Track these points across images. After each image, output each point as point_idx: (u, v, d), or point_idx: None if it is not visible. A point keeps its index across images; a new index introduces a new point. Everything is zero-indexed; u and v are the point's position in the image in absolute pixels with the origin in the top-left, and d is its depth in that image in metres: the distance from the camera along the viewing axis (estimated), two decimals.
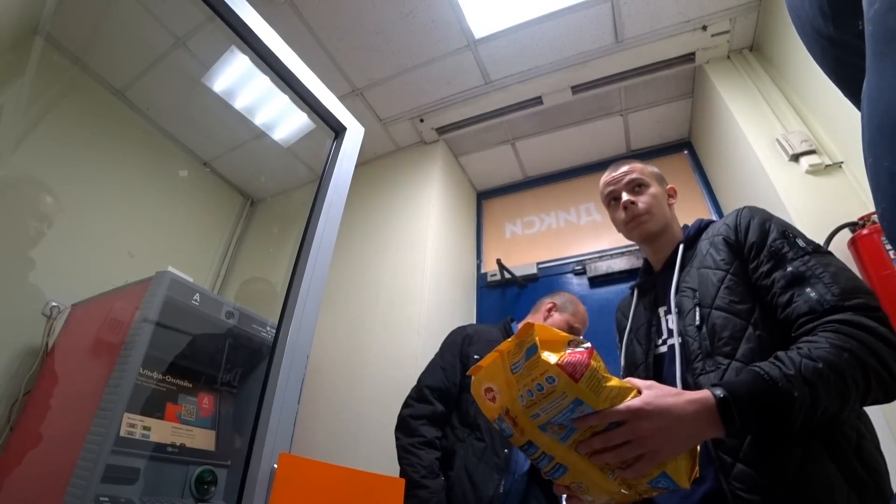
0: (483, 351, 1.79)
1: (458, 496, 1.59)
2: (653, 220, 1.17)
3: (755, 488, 0.78)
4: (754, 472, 0.79)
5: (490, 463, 1.63)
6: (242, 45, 1.17)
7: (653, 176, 1.23)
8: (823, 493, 0.75)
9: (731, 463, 0.82)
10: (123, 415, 1.30)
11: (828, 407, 0.72)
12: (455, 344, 1.86)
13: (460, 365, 1.79)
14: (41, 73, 2.11)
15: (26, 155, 2.06)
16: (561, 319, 1.95)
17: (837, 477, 0.75)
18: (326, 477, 0.80)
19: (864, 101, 0.33)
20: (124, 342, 1.40)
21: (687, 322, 0.97)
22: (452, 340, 1.89)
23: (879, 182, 0.31)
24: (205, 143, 3.06)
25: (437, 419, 1.70)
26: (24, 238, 1.88)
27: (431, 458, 1.62)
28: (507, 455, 1.65)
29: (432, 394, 1.73)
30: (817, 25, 0.38)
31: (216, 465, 1.51)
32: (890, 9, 0.29)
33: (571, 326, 1.94)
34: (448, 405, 1.74)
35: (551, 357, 0.69)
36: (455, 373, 1.78)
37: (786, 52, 2.21)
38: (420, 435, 1.66)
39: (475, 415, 1.68)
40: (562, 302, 2.01)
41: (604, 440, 0.70)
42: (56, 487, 1.20)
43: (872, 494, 0.75)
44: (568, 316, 1.96)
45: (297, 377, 0.91)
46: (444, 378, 1.76)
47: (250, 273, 2.92)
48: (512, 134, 3.15)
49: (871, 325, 0.76)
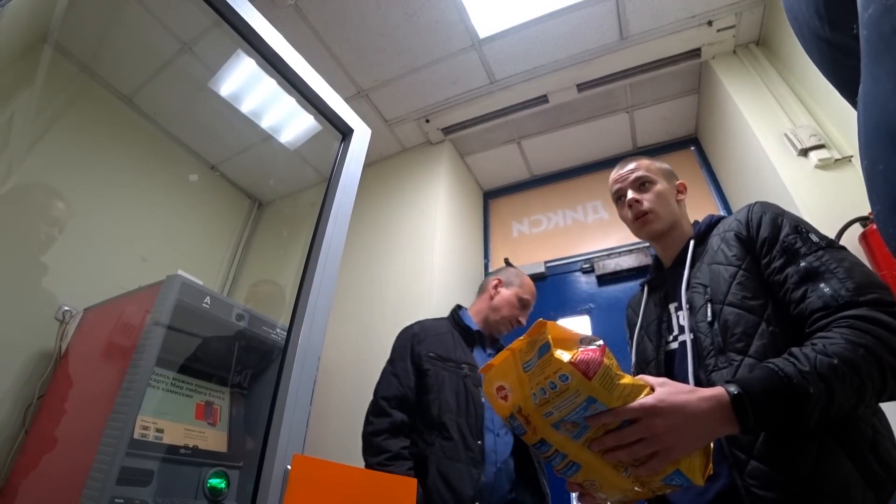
0: (434, 345, 1.75)
1: (437, 503, 1.49)
2: (658, 219, 1.16)
3: (770, 485, 0.77)
4: (769, 468, 0.78)
5: (463, 459, 1.54)
6: (248, 48, 1.18)
7: (660, 172, 1.22)
8: (839, 489, 0.74)
9: (745, 460, 0.81)
10: (137, 417, 1.31)
11: (844, 403, 0.71)
12: (404, 347, 1.77)
13: (413, 367, 1.71)
14: (50, 81, 2.13)
15: (37, 161, 2.08)
16: (510, 294, 1.90)
17: (853, 473, 0.74)
18: (340, 477, 0.81)
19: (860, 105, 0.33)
20: (136, 345, 1.41)
21: (698, 318, 0.97)
22: (400, 344, 1.80)
23: (875, 184, 0.31)
24: (212, 147, 3.08)
25: (399, 429, 1.60)
26: (37, 243, 1.90)
27: (403, 469, 1.52)
28: (480, 446, 1.58)
29: (389, 404, 1.63)
30: (814, 27, 0.39)
31: (228, 467, 1.52)
32: (884, 13, 0.29)
33: (521, 298, 1.89)
34: (408, 412, 1.64)
35: (564, 355, 0.69)
36: (409, 377, 1.68)
37: (793, 46, 2.19)
38: (385, 451, 1.54)
39: (438, 414, 1.60)
40: (506, 277, 1.97)
41: (617, 438, 0.70)
42: (72, 490, 1.21)
43: (889, 491, 0.74)
44: (515, 289, 1.91)
45: (309, 379, 0.92)
46: (399, 385, 1.67)
47: (259, 275, 2.94)
48: (518, 133, 3.15)
49: (886, 320, 0.75)
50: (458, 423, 1.59)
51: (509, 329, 1.90)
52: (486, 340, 1.90)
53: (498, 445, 1.64)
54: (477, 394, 1.66)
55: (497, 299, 1.90)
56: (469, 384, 1.68)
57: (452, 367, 1.70)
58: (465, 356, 1.76)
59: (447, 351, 1.74)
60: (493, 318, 1.89)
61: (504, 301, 1.89)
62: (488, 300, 1.93)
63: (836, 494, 0.74)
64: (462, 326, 1.87)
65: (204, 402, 1.62)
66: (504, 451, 1.64)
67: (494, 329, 1.90)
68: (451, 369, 1.70)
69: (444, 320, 1.92)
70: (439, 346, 1.75)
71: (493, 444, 1.63)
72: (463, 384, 1.67)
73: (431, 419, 1.60)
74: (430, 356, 1.71)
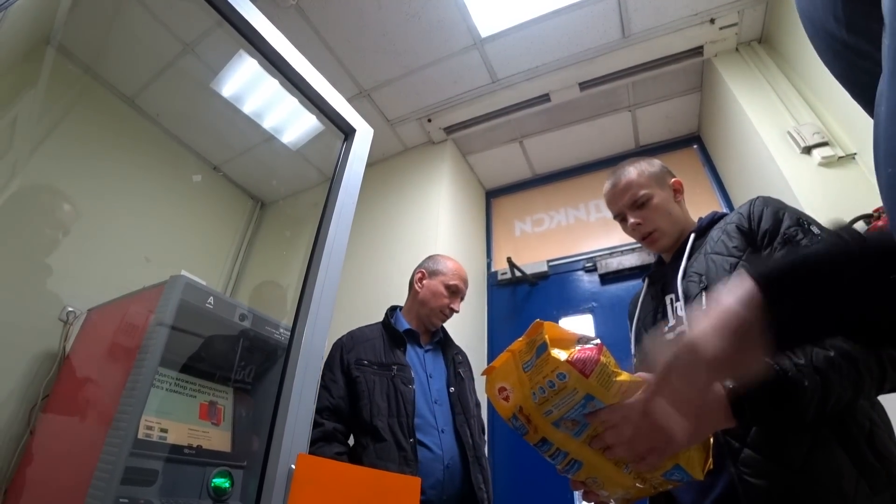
0: (364, 351, 1.73)
1: None
2: (664, 235, 1.16)
3: (762, 473, 0.78)
4: (761, 457, 0.79)
5: (395, 459, 1.52)
6: (250, 48, 1.18)
7: (652, 180, 1.19)
8: (830, 479, 0.74)
9: (739, 448, 0.82)
10: (141, 417, 1.32)
11: (841, 396, 0.71)
12: (333, 359, 1.76)
13: (343, 377, 1.70)
14: (53, 83, 2.14)
15: (41, 163, 2.09)
16: (435, 284, 1.85)
17: (847, 464, 0.75)
18: (344, 477, 0.81)
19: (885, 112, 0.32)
20: (140, 346, 1.41)
21: (693, 307, 0.97)
22: (330, 356, 1.77)
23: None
24: (215, 148, 3.09)
25: (332, 436, 1.59)
26: (41, 245, 1.91)
27: None
28: (412, 444, 1.56)
29: (320, 415, 1.62)
30: (830, 29, 0.38)
31: (232, 467, 1.53)
32: None
33: (447, 286, 1.84)
34: (342, 420, 1.63)
35: (561, 354, 0.70)
36: (339, 387, 1.67)
37: (796, 44, 2.19)
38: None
39: (370, 418, 1.59)
40: (430, 267, 1.91)
41: (615, 434, 0.70)
42: (76, 489, 1.21)
43: (884, 482, 0.74)
44: (441, 278, 1.86)
45: (313, 378, 0.92)
46: (329, 396, 1.65)
47: (262, 275, 2.94)
48: (520, 132, 3.15)
49: None
50: (390, 423, 1.58)
51: (443, 319, 1.86)
52: (419, 337, 1.85)
53: (444, 443, 1.63)
54: (408, 392, 1.65)
55: (423, 293, 1.86)
56: (399, 384, 1.66)
57: (382, 371, 1.69)
58: (394, 358, 1.73)
59: (377, 355, 1.73)
60: (423, 313, 1.85)
61: (430, 293, 1.85)
62: (415, 295, 1.89)
63: (827, 483, 0.74)
64: (390, 329, 1.83)
65: (208, 402, 1.62)
66: (451, 448, 1.63)
67: (428, 323, 1.85)
68: (381, 373, 1.69)
69: (376, 325, 1.89)
70: (369, 352, 1.74)
71: (439, 442, 1.62)
72: (393, 385, 1.66)
73: (364, 424, 1.60)
74: (358, 363, 1.70)
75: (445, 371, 1.83)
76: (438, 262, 1.92)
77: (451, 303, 1.85)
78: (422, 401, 1.68)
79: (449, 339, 1.95)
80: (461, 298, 1.90)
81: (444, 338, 1.93)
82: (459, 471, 1.62)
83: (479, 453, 1.68)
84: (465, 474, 1.62)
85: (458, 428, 1.68)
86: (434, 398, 1.72)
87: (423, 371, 1.78)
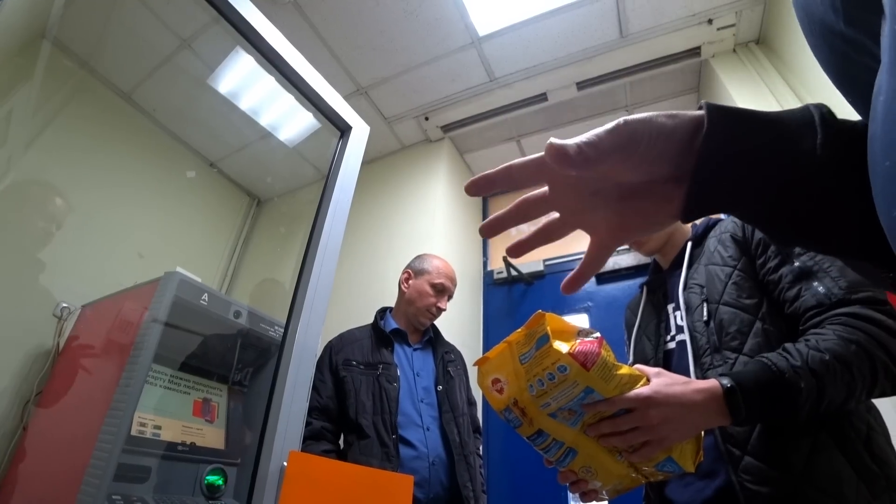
0: (352, 352, 1.76)
1: None
2: (648, 241, 1.17)
3: (763, 480, 0.79)
4: (762, 463, 0.80)
5: (377, 455, 1.55)
6: (247, 45, 1.17)
7: None
8: (831, 484, 0.75)
9: (740, 456, 0.83)
10: (135, 414, 1.31)
11: (834, 398, 0.73)
12: (322, 360, 1.78)
13: (332, 377, 1.73)
14: (49, 77, 2.13)
15: (36, 157, 2.08)
16: (420, 283, 1.86)
17: (847, 469, 0.76)
18: (336, 474, 0.81)
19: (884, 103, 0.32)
20: (134, 342, 1.41)
21: (695, 318, 0.98)
22: (320, 359, 1.78)
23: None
24: (211, 144, 3.07)
25: (320, 434, 1.62)
26: (34, 240, 1.90)
27: None
28: (395, 440, 1.58)
29: (309, 415, 1.63)
30: (828, 22, 0.38)
31: (226, 464, 1.52)
32: None
33: (433, 284, 1.85)
34: (331, 419, 1.66)
35: (563, 346, 0.69)
36: (328, 387, 1.71)
37: (793, 45, 2.19)
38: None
39: (355, 416, 1.62)
40: (416, 267, 1.92)
41: (612, 425, 0.71)
42: (69, 486, 1.21)
43: (883, 486, 0.75)
44: (426, 277, 1.87)
45: (306, 376, 0.92)
46: (318, 397, 1.68)
47: (258, 273, 2.94)
48: (517, 131, 3.15)
49: (878, 317, 0.76)
50: (374, 421, 1.61)
51: (431, 318, 1.87)
52: (407, 336, 1.87)
53: (429, 441, 1.64)
54: (391, 390, 1.67)
55: (409, 292, 1.87)
56: (383, 382, 1.68)
57: (369, 370, 1.72)
58: (380, 357, 1.75)
59: (364, 355, 1.75)
60: (410, 312, 1.86)
61: (416, 292, 1.86)
62: (402, 295, 1.90)
63: (828, 488, 0.75)
64: (377, 330, 1.85)
65: (201, 399, 1.62)
66: (436, 446, 1.64)
67: (416, 322, 1.86)
68: (367, 372, 1.71)
69: (365, 327, 1.90)
70: (356, 353, 1.77)
71: (424, 440, 1.63)
72: (377, 383, 1.68)
73: (350, 422, 1.63)
74: (346, 364, 1.73)
75: (434, 369, 1.83)
76: (424, 262, 1.93)
77: (438, 301, 1.85)
78: (406, 399, 1.70)
79: (440, 337, 1.95)
80: (449, 297, 1.91)
81: (434, 336, 1.93)
82: (445, 469, 1.63)
83: (467, 451, 1.69)
84: (451, 472, 1.62)
85: (444, 426, 1.69)
86: (420, 396, 1.74)
87: (410, 370, 1.79)
